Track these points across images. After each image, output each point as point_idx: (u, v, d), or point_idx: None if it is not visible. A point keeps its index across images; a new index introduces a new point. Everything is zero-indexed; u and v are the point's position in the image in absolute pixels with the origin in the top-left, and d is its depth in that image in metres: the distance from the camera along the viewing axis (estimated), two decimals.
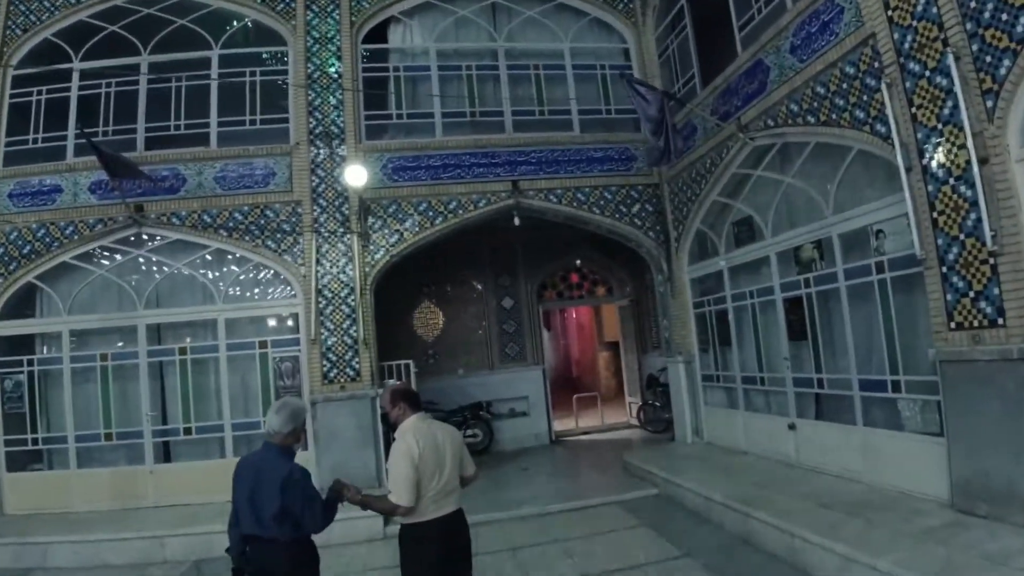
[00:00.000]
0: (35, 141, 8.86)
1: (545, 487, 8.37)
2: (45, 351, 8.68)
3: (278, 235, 8.62)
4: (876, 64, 5.50)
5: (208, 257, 8.81)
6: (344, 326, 8.45)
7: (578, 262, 12.67)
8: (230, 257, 8.81)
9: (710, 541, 5.86)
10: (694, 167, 8.61)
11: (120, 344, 8.65)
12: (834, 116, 6.07)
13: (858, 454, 6.09)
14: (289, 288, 8.69)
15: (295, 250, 8.58)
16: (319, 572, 3.64)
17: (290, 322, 8.70)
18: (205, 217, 8.58)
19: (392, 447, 3.53)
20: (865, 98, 5.68)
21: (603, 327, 16.88)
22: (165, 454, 8.52)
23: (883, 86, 5.37)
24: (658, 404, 11.35)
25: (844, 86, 5.93)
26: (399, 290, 11.53)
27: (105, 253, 8.71)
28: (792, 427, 6.99)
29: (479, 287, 12.18)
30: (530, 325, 12.20)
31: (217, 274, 8.83)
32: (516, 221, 9.09)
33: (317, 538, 3.55)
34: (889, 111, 5.33)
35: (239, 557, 3.48)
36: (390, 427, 3.80)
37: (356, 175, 7.88)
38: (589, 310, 17.97)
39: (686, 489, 6.87)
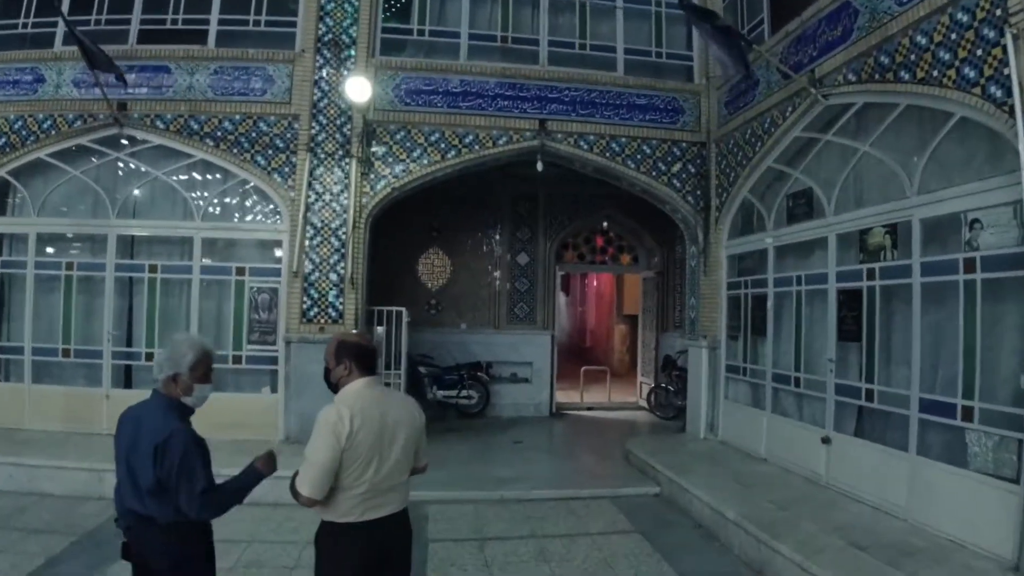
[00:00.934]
0: (24, 26, 7.98)
1: (534, 466, 7.50)
2: (10, 254, 7.92)
3: (269, 151, 7.68)
4: (999, 11, 4.29)
5: (191, 169, 7.93)
6: (331, 261, 7.55)
7: (605, 224, 11.58)
8: (214, 171, 7.91)
9: (715, 566, 4.94)
10: (749, 126, 7.42)
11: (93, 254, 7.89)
12: (935, 73, 4.87)
13: (903, 485, 5.07)
14: (275, 212, 7.79)
15: (286, 170, 7.65)
16: (215, 570, 2.78)
17: (273, 250, 7.81)
18: (192, 123, 7.66)
19: (319, 414, 2.53)
20: (980, 52, 4.48)
21: (623, 298, 15.86)
22: (126, 378, 7.81)
23: (1007, 38, 4.18)
24: (671, 389, 10.39)
25: (953, 37, 4.72)
26: (405, 231, 10.64)
27: (82, 153, 7.85)
28: (826, 441, 5.96)
29: (494, 238, 11.18)
30: (544, 286, 11.21)
31: (198, 188, 7.96)
32: (539, 166, 8.02)
33: (264, 493, 2.82)
34: (1012, 70, 4.15)
35: (127, 531, 2.63)
36: (331, 388, 2.79)
37: (359, 89, 6.86)
38: (611, 278, 16.93)
39: (693, 496, 5.91)
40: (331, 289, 7.51)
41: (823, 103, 6.19)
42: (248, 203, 7.97)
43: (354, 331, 6.88)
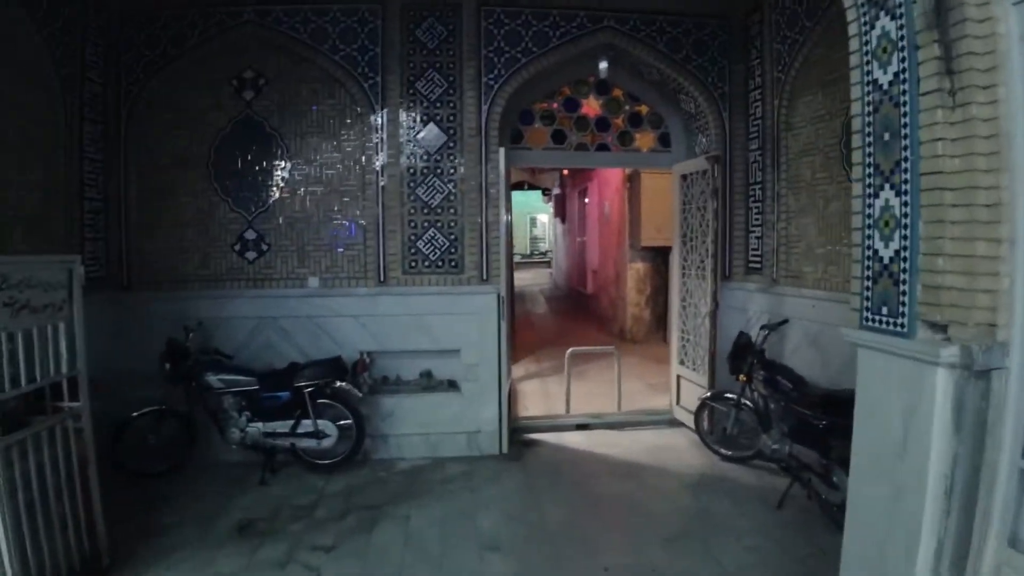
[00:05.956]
0: None
1: None
2: None
3: None
4: None
5: None
6: None
7: (602, 67, 5.77)
8: None
9: None
10: None
11: None
12: None
13: None
14: None
15: None
16: None
17: None
18: None
19: None
20: None
21: (640, 215, 9.95)
22: None
23: None
24: (749, 404, 4.86)
25: None
26: (194, 99, 5.17)
27: None
28: None
29: (370, 98, 5.44)
30: (482, 193, 5.54)
31: None
32: None
33: None
34: None
35: None
36: None
37: None
38: (619, 183, 10.85)
39: None
40: None
41: None
42: None
43: None
